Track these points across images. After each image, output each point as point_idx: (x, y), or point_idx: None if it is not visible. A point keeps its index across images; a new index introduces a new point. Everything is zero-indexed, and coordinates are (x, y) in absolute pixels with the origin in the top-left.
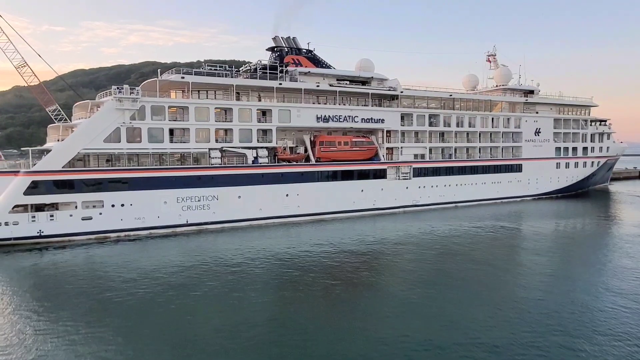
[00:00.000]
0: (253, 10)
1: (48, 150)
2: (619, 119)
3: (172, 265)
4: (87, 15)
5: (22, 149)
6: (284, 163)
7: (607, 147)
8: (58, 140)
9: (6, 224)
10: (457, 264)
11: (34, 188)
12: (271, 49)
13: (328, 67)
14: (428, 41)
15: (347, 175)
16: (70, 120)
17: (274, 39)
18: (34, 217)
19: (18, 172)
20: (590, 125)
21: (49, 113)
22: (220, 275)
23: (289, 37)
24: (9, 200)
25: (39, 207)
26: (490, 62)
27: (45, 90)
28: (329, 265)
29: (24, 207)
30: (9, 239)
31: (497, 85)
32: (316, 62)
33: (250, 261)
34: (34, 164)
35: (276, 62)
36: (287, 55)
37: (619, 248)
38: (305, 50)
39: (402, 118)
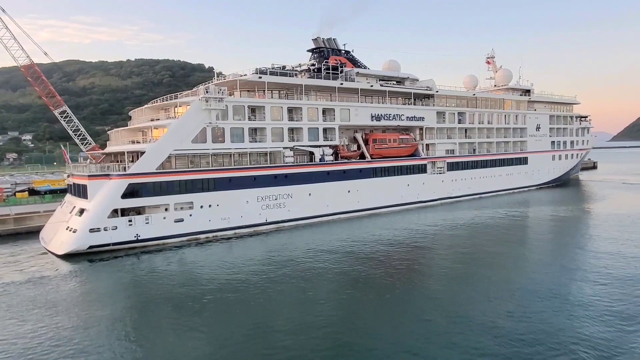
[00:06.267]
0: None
1: (109, 154)
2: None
3: (259, 263)
4: None
5: (102, 152)
6: (346, 160)
7: (587, 141)
8: (133, 142)
9: (105, 229)
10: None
11: (131, 191)
12: (311, 50)
13: (364, 67)
14: (429, 43)
15: (397, 171)
16: (128, 124)
17: (315, 40)
18: (130, 221)
19: (109, 175)
20: (576, 120)
21: (57, 115)
22: (300, 271)
23: (329, 38)
24: (106, 205)
25: (125, 211)
26: (489, 63)
27: (54, 92)
28: (397, 257)
29: (115, 212)
30: (108, 245)
31: (495, 86)
32: (354, 62)
33: (327, 255)
34: (128, 167)
35: (331, 63)
36: (329, 56)
37: None
38: (344, 52)
39: (437, 116)
